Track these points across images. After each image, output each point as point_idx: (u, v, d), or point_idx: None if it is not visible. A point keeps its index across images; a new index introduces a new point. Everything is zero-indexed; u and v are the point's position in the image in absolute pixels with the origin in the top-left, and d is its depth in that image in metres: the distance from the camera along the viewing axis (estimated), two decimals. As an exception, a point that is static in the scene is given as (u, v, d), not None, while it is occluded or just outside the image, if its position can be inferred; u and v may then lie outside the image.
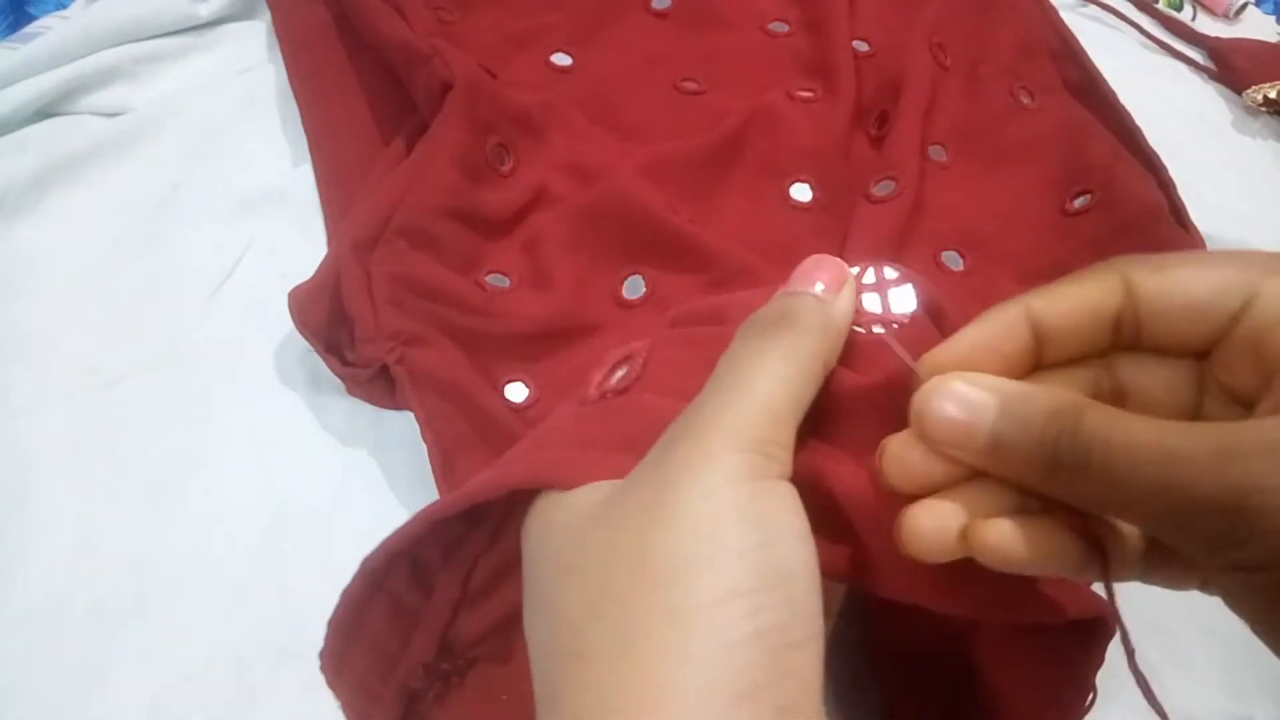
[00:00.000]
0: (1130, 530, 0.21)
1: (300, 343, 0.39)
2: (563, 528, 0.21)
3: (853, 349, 0.24)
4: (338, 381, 0.39)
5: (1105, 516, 0.20)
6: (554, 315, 0.39)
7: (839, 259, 0.25)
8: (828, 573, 0.20)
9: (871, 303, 0.25)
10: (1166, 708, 0.20)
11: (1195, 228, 0.42)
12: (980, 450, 0.20)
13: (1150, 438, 0.18)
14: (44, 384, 0.41)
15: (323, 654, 0.26)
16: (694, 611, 0.18)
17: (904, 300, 0.25)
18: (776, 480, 0.20)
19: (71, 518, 0.37)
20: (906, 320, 0.24)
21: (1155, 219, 0.41)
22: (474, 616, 0.26)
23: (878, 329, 0.24)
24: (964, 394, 0.20)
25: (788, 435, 0.21)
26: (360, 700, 0.26)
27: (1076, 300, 0.21)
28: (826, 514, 0.22)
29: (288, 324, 0.38)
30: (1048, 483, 0.19)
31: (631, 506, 0.20)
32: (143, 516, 0.37)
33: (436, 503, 0.24)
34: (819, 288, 0.24)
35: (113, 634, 0.35)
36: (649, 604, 0.18)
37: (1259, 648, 0.37)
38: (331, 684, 0.26)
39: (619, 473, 0.22)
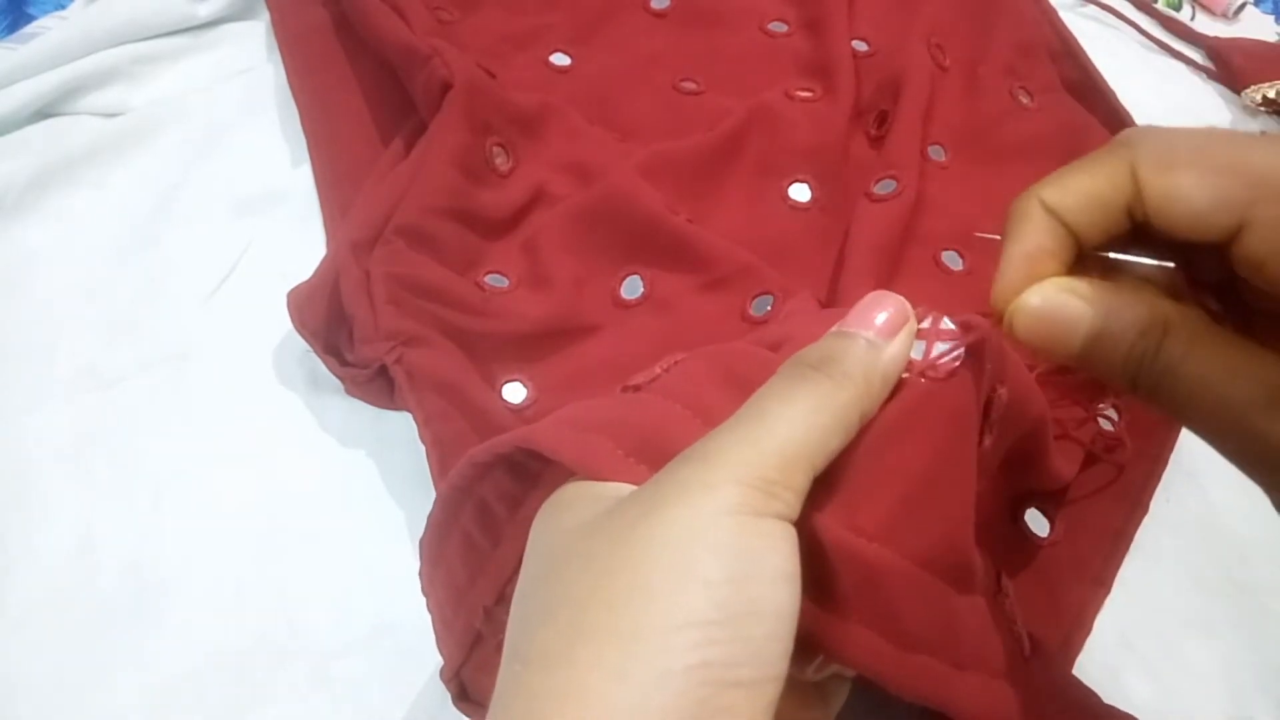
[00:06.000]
0: None
1: (299, 343, 0.39)
2: (562, 529, 0.21)
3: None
4: (337, 382, 0.39)
5: None
6: (552, 315, 0.39)
7: (903, 299, 0.23)
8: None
9: (916, 349, 0.23)
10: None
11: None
12: (1071, 357, 0.21)
13: (1215, 375, 0.19)
14: (44, 384, 0.41)
15: (419, 571, 0.28)
16: (642, 634, 0.18)
17: (951, 355, 0.23)
18: (773, 520, 0.19)
19: (71, 518, 0.37)
20: (944, 375, 0.23)
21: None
22: None
23: (905, 375, 0.23)
24: (1060, 304, 0.21)
25: (800, 480, 0.20)
26: (439, 624, 0.28)
27: (1086, 193, 0.21)
28: (817, 570, 0.21)
29: (287, 324, 0.38)
30: (1130, 390, 0.21)
31: (620, 521, 0.20)
32: (142, 516, 0.37)
33: (476, 448, 0.25)
34: (880, 319, 0.23)
35: (112, 633, 0.35)
36: (599, 620, 0.18)
37: (1259, 648, 0.37)
38: (428, 603, 0.28)
39: (600, 460, 0.22)
